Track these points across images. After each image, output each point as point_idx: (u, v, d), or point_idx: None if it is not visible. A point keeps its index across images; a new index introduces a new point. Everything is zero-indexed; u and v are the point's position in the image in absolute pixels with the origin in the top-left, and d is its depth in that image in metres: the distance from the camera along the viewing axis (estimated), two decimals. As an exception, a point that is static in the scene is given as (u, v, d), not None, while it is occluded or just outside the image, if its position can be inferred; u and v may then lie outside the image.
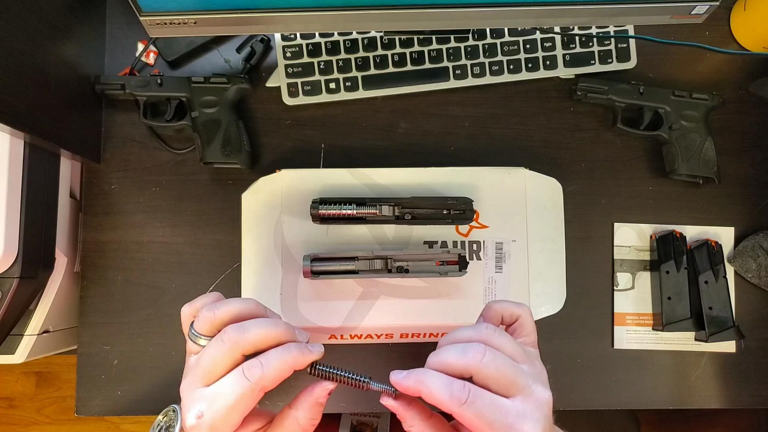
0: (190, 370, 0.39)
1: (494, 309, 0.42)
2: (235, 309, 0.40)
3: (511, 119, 0.67)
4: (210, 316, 0.39)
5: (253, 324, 0.38)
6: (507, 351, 0.37)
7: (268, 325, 0.39)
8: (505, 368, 0.36)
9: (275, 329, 0.39)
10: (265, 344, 0.38)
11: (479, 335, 0.38)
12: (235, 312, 0.40)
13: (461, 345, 0.37)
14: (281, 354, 0.37)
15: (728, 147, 0.67)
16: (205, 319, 0.40)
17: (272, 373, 0.36)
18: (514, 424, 0.34)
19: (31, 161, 0.57)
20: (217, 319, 0.39)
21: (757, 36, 0.66)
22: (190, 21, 0.52)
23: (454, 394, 0.35)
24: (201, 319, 0.40)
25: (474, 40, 0.65)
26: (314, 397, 0.40)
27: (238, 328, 0.38)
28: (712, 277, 0.63)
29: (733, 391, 0.65)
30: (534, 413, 0.35)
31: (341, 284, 0.55)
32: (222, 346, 0.37)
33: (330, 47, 0.64)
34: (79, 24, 0.62)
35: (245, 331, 0.38)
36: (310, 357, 0.38)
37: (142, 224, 0.65)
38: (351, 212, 0.54)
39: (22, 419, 1.40)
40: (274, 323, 0.39)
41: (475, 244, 0.56)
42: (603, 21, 0.56)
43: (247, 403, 0.37)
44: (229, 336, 0.37)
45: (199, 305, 0.42)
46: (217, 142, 0.62)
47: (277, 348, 0.38)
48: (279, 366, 0.37)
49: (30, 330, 0.63)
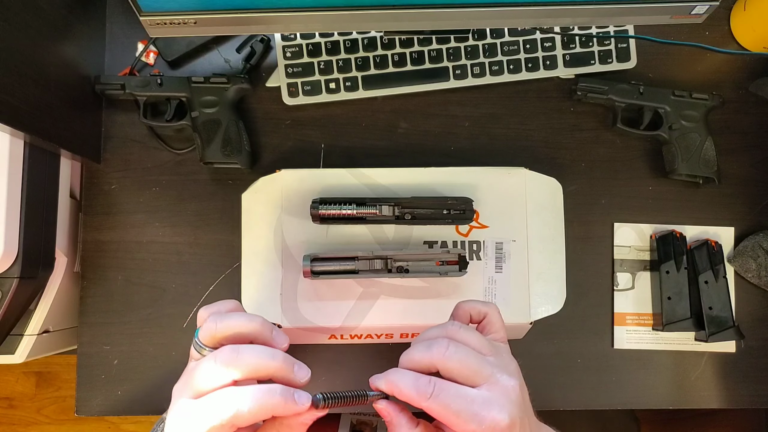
0: (185, 375, 0.39)
1: (462, 308, 0.44)
2: (236, 326, 0.39)
3: (511, 119, 0.67)
4: (212, 328, 0.39)
5: (248, 351, 0.37)
6: (472, 345, 0.39)
7: (263, 355, 0.37)
8: (467, 359, 0.37)
9: (270, 362, 0.37)
10: (257, 374, 0.37)
11: (445, 332, 0.40)
12: (235, 329, 0.39)
13: (427, 342, 0.39)
14: (263, 397, 0.35)
15: (728, 147, 0.67)
16: (207, 330, 0.39)
17: (246, 416, 0.34)
18: (480, 411, 0.35)
19: (31, 161, 0.57)
20: (218, 334, 0.39)
21: (757, 36, 0.66)
22: (190, 21, 0.52)
23: (420, 389, 0.36)
24: (204, 329, 0.39)
25: (474, 40, 0.65)
26: (299, 419, 0.38)
27: (233, 351, 0.37)
28: (712, 277, 0.63)
29: (733, 391, 0.65)
30: (499, 400, 0.36)
31: (341, 284, 0.55)
32: (213, 367, 0.36)
33: (330, 47, 0.64)
34: (79, 24, 0.62)
35: (239, 356, 0.36)
36: (293, 408, 0.36)
37: (142, 224, 0.65)
38: (351, 212, 0.54)
39: (22, 419, 1.40)
40: (270, 354, 0.37)
41: (475, 244, 0.56)
42: (603, 21, 0.56)
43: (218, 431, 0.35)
44: (223, 358, 0.36)
45: (213, 310, 0.41)
46: (217, 142, 0.62)
47: (261, 388, 0.35)
48: (257, 409, 0.35)
49: (30, 330, 0.63)
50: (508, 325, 0.56)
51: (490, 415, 0.35)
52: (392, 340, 0.60)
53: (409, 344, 0.62)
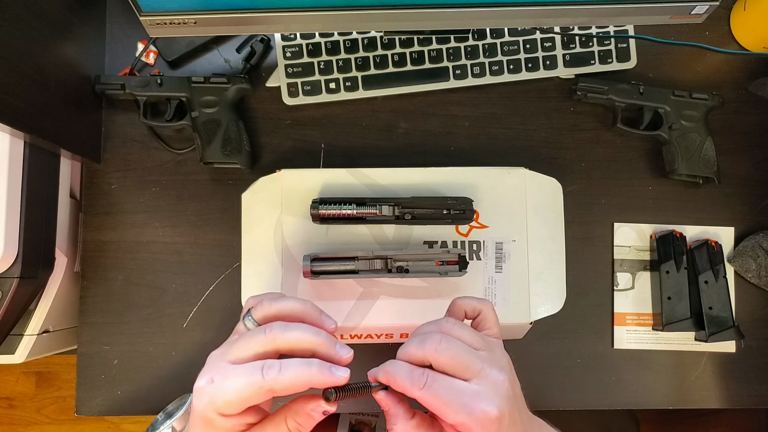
0: (227, 344, 0.41)
1: (457, 305, 0.46)
2: (289, 307, 0.42)
3: (511, 119, 0.67)
4: (267, 306, 0.42)
5: (296, 326, 0.39)
6: (465, 340, 0.40)
7: (309, 332, 0.39)
8: (459, 354, 0.39)
9: (314, 338, 0.39)
10: (301, 349, 0.39)
11: (439, 327, 0.41)
12: (288, 310, 0.42)
13: (421, 336, 0.40)
14: (299, 367, 0.37)
15: (728, 147, 0.67)
16: (262, 308, 0.42)
17: (284, 382, 0.37)
18: (469, 402, 0.37)
19: (31, 161, 0.57)
20: (271, 312, 0.42)
21: (757, 36, 0.66)
22: (190, 21, 0.52)
23: (414, 380, 0.38)
24: (259, 308, 0.42)
25: (474, 40, 0.65)
26: (308, 409, 0.40)
27: (283, 326, 0.39)
28: (712, 277, 0.63)
29: (733, 391, 0.65)
30: (489, 393, 0.38)
31: (341, 284, 0.55)
32: (261, 337, 0.39)
33: (330, 47, 0.64)
34: (79, 24, 0.62)
35: (286, 331, 0.39)
36: (329, 380, 0.38)
37: (142, 224, 0.65)
38: (351, 212, 0.54)
39: (22, 419, 1.40)
40: (315, 332, 0.40)
41: (475, 244, 0.56)
42: (603, 21, 0.56)
43: (252, 395, 0.37)
44: (272, 330, 0.39)
45: (263, 298, 0.44)
46: (217, 142, 0.62)
47: (300, 360, 0.38)
48: (292, 377, 0.37)
49: (30, 330, 0.63)
50: (508, 325, 0.57)
51: (479, 406, 0.37)
52: (392, 340, 0.60)
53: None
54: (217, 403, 0.38)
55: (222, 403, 0.38)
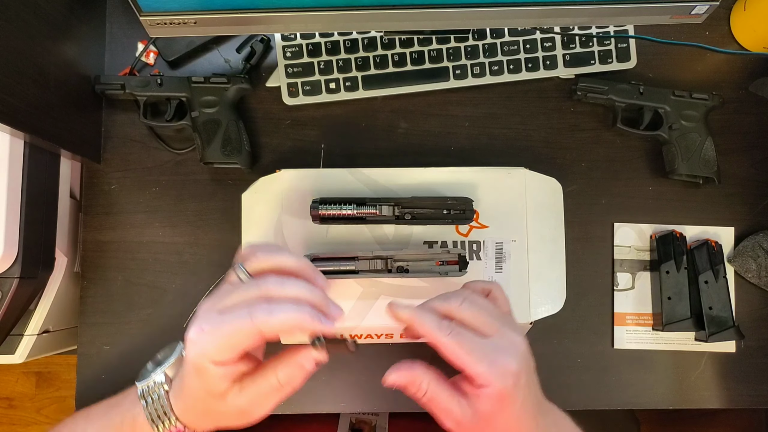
0: (218, 294, 0.41)
1: (469, 285, 0.48)
2: (285, 262, 0.42)
3: (511, 119, 0.67)
4: (263, 259, 0.41)
5: (291, 282, 0.40)
6: (483, 306, 0.43)
7: (303, 288, 0.40)
8: (480, 313, 0.42)
9: (308, 295, 0.40)
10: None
11: (460, 293, 0.44)
12: (284, 264, 0.42)
13: (445, 294, 0.44)
14: (291, 310, 0.38)
15: (728, 147, 0.67)
16: (257, 261, 0.41)
17: (274, 323, 0.37)
18: (490, 354, 0.40)
19: (31, 161, 0.57)
20: (266, 266, 0.41)
21: (757, 36, 0.66)
22: (190, 21, 0.52)
23: (441, 327, 0.41)
24: (253, 260, 0.42)
25: (474, 40, 0.65)
26: (298, 359, 0.41)
27: (279, 281, 0.39)
28: (712, 277, 0.63)
29: (733, 391, 0.65)
30: (509, 349, 0.40)
31: (341, 284, 0.55)
32: (255, 289, 0.39)
33: (330, 47, 0.64)
34: (79, 24, 0.62)
35: (281, 286, 0.39)
36: (319, 326, 0.39)
37: (142, 224, 0.65)
38: (351, 212, 0.54)
39: (22, 419, 1.40)
40: (310, 289, 0.40)
41: (475, 244, 0.56)
42: (603, 21, 0.56)
43: (242, 339, 0.38)
44: (266, 284, 0.39)
45: (261, 248, 0.43)
46: (217, 142, 0.62)
47: (291, 303, 0.38)
48: (284, 319, 0.37)
49: (30, 330, 0.63)
50: (508, 325, 0.56)
51: (500, 358, 0.39)
52: (392, 340, 0.60)
53: (409, 344, 0.62)
54: (208, 351, 0.38)
55: (214, 351, 0.38)
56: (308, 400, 0.63)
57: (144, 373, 0.48)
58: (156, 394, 0.45)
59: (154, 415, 0.44)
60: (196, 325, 0.39)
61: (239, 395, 0.40)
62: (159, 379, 0.45)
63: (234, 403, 0.41)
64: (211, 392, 0.40)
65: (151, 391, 0.45)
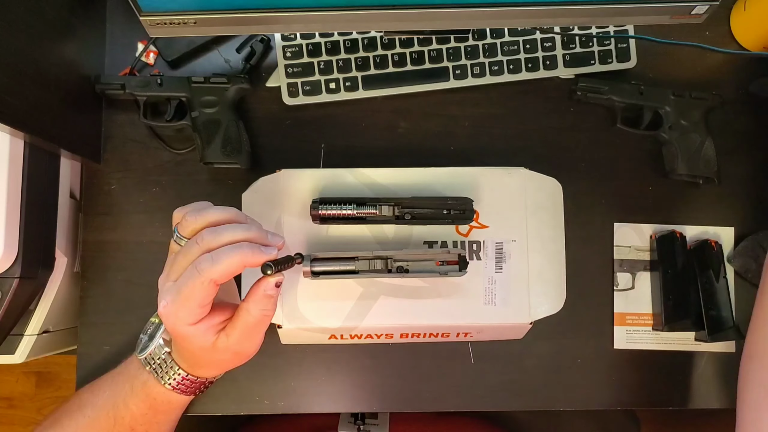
0: (167, 266, 0.45)
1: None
2: (213, 216, 0.44)
3: (511, 119, 0.67)
4: (192, 221, 0.44)
5: (224, 228, 0.42)
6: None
7: (238, 229, 0.42)
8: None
9: (245, 233, 0.42)
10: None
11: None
12: (213, 219, 0.44)
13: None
14: (231, 251, 0.40)
15: (728, 147, 0.67)
16: (187, 224, 0.44)
17: (220, 268, 0.40)
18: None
19: (31, 161, 0.57)
20: (198, 225, 0.43)
21: (757, 36, 0.66)
22: (190, 21, 0.52)
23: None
24: (183, 224, 0.44)
25: (474, 40, 0.65)
26: (262, 290, 0.43)
27: (212, 232, 0.42)
28: (712, 277, 0.63)
29: (733, 391, 0.65)
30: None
31: (341, 284, 0.55)
32: (195, 248, 0.42)
33: (330, 47, 0.64)
34: (79, 24, 0.62)
35: (218, 235, 0.42)
36: (261, 257, 0.41)
37: (142, 224, 0.65)
38: (351, 212, 0.54)
39: (22, 419, 1.40)
40: (245, 228, 0.43)
41: (475, 244, 0.56)
42: (603, 21, 0.56)
43: (200, 294, 0.40)
44: (203, 238, 0.42)
45: (188, 209, 0.46)
46: (217, 142, 0.62)
47: (229, 246, 0.41)
48: (227, 261, 0.40)
49: (30, 330, 0.63)
50: (508, 325, 0.57)
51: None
52: (392, 340, 0.60)
53: (409, 344, 0.62)
54: (180, 317, 0.41)
55: (185, 315, 0.41)
56: (308, 400, 0.63)
57: (140, 344, 0.52)
58: (159, 358, 0.49)
59: (163, 373, 0.49)
60: (161, 300, 0.42)
61: (227, 340, 0.44)
62: (159, 345, 0.49)
63: (226, 349, 0.44)
64: (202, 348, 0.44)
65: (155, 356, 0.49)
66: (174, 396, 0.50)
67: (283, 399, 0.63)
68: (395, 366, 0.64)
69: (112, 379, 0.53)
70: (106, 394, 0.52)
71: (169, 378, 0.49)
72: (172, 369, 0.49)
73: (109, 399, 0.51)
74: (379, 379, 0.64)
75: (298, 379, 0.63)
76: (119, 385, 0.52)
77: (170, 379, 0.49)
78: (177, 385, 0.50)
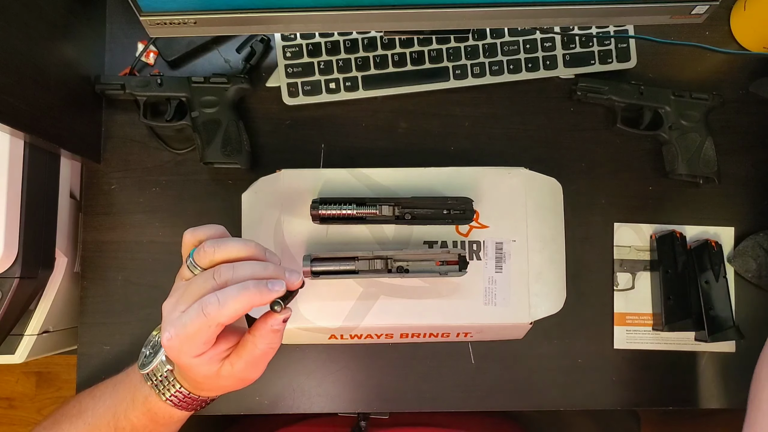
0: (176, 293, 0.43)
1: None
2: (233, 250, 0.43)
3: (511, 119, 0.67)
4: (210, 252, 0.42)
5: (243, 265, 0.41)
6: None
7: (256, 268, 0.42)
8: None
9: (263, 272, 0.41)
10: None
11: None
12: (234, 254, 0.43)
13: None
14: (238, 294, 0.40)
15: (728, 147, 0.67)
16: (205, 254, 0.42)
17: (227, 313, 0.39)
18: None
19: (31, 161, 0.57)
20: (217, 258, 0.42)
21: (757, 36, 0.66)
22: (190, 21, 0.52)
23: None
24: (201, 253, 0.43)
25: (474, 40, 0.65)
26: (269, 325, 0.43)
27: (230, 268, 0.41)
28: (712, 277, 0.63)
29: (733, 391, 0.65)
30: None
31: (341, 284, 0.55)
32: (210, 282, 0.41)
33: (330, 47, 0.64)
34: (79, 24, 0.62)
35: (234, 271, 0.41)
36: (269, 297, 0.41)
37: (142, 224, 0.65)
38: (351, 212, 0.54)
39: (23, 419, 1.40)
40: (263, 267, 0.42)
41: (475, 244, 0.56)
42: (603, 21, 0.56)
43: (205, 335, 0.40)
44: (220, 274, 0.41)
45: (202, 235, 0.44)
46: (217, 142, 0.62)
47: (235, 286, 0.40)
48: (234, 306, 0.39)
49: (30, 330, 0.63)
50: (508, 325, 0.57)
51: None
52: (392, 340, 0.60)
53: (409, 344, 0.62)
54: (184, 351, 0.41)
55: (188, 349, 0.41)
56: (308, 400, 0.63)
57: (142, 359, 0.51)
58: (161, 375, 0.48)
59: (164, 390, 0.48)
60: (165, 331, 0.41)
61: (231, 369, 0.44)
62: (161, 361, 0.49)
63: (230, 376, 0.44)
64: (206, 375, 0.44)
65: (157, 372, 0.49)
66: (175, 411, 0.50)
67: (283, 399, 0.63)
68: (395, 366, 0.64)
69: (113, 387, 0.53)
70: (107, 403, 0.52)
71: (170, 395, 0.48)
72: (173, 386, 0.48)
73: (110, 408, 0.51)
74: (379, 379, 0.64)
75: (298, 379, 0.63)
76: (120, 394, 0.51)
77: (172, 396, 0.48)
78: (178, 402, 0.49)
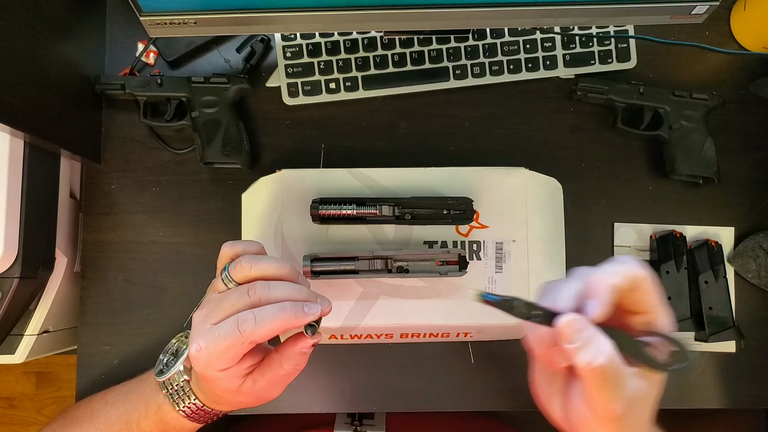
0: (209, 305, 0.43)
1: (600, 285, 0.37)
2: (269, 269, 0.43)
3: (511, 119, 0.67)
4: (247, 268, 0.43)
5: (278, 285, 0.42)
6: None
7: (291, 290, 0.42)
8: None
9: (297, 295, 0.42)
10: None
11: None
12: (270, 274, 0.43)
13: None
14: (274, 314, 0.40)
15: (728, 147, 0.67)
16: (241, 269, 0.43)
17: (262, 332, 0.40)
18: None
19: (31, 161, 0.57)
20: (253, 274, 0.43)
21: (757, 36, 0.66)
22: (190, 21, 0.52)
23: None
24: (238, 268, 0.43)
25: (474, 40, 0.65)
26: (298, 348, 0.44)
27: (266, 287, 0.41)
28: (712, 277, 0.63)
29: (733, 391, 0.65)
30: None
31: (341, 284, 0.55)
32: (245, 299, 0.41)
33: (330, 47, 0.64)
34: (79, 24, 0.62)
35: (270, 290, 0.41)
36: (304, 320, 0.41)
37: (142, 224, 0.65)
38: (351, 212, 0.54)
39: (22, 419, 1.40)
40: (297, 289, 0.42)
41: (475, 244, 0.56)
42: (603, 21, 0.56)
43: (237, 351, 0.40)
44: (255, 291, 0.41)
45: (240, 250, 0.45)
46: (217, 142, 0.62)
47: (273, 305, 0.40)
48: (271, 326, 0.40)
49: (30, 330, 0.63)
50: (508, 325, 0.57)
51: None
52: (392, 340, 0.60)
53: (409, 344, 0.62)
54: (211, 364, 0.41)
55: (216, 363, 0.41)
56: (308, 399, 0.63)
57: (160, 366, 0.51)
58: (177, 385, 0.49)
59: (179, 400, 0.49)
60: (194, 342, 0.41)
61: (253, 386, 0.44)
62: (179, 371, 0.49)
63: (251, 393, 0.44)
64: (225, 389, 0.44)
65: (174, 381, 0.49)
66: (186, 423, 0.50)
67: (283, 398, 0.63)
68: (395, 366, 0.64)
69: (126, 394, 0.53)
70: (120, 410, 0.52)
71: (184, 406, 0.49)
72: (188, 398, 0.48)
73: (122, 416, 0.51)
74: (378, 379, 0.64)
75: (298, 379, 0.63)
76: (134, 403, 0.52)
77: (185, 407, 0.49)
78: (191, 414, 0.49)
